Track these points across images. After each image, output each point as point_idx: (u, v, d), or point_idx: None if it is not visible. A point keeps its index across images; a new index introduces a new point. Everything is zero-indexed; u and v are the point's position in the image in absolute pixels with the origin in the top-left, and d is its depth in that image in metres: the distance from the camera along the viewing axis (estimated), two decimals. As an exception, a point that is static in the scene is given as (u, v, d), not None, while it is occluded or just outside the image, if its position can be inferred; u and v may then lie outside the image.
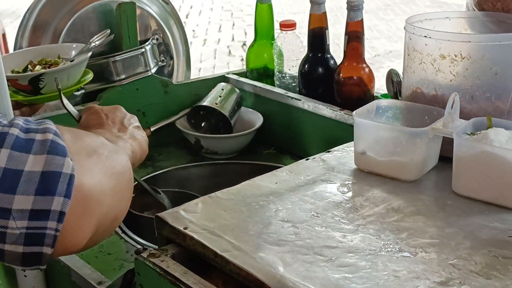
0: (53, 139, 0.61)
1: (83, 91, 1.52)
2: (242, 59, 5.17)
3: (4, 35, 4.28)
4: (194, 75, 4.52)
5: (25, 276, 1.01)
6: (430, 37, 0.94)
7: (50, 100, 1.31)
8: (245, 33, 6.14)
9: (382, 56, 5.31)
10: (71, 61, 1.30)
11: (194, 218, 0.83)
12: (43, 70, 1.25)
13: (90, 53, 1.31)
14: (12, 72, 1.30)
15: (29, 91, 1.24)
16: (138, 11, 1.58)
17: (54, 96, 1.25)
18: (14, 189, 0.56)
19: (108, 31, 1.35)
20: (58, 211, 0.58)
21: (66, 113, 1.40)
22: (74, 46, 1.39)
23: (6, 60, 1.27)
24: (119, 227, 1.22)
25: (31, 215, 0.57)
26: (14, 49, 1.47)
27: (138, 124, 0.96)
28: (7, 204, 0.56)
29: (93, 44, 1.33)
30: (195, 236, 0.78)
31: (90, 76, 1.34)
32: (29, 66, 1.32)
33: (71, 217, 0.59)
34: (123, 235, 1.19)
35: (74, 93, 1.52)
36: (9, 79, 1.18)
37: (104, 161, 0.68)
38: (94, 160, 0.66)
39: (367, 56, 1.49)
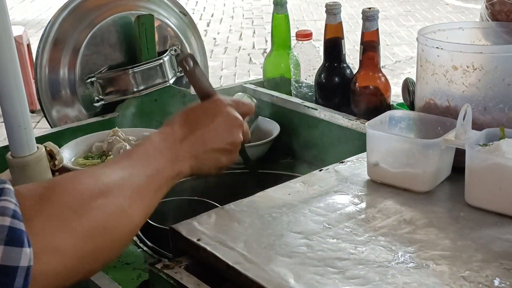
0: (11, 225, 0.58)
1: (103, 102, 1.55)
2: (263, 67, 5.18)
3: (29, 46, 4.37)
4: (216, 83, 4.55)
5: (44, 286, 1.02)
6: (442, 49, 0.94)
7: None
8: (266, 41, 6.16)
9: (403, 62, 5.27)
10: None
11: (208, 229, 0.84)
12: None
13: None
14: (77, 158, 1.21)
15: None
16: (156, 23, 1.60)
17: None
18: None
19: None
20: None
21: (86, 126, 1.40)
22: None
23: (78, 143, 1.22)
24: (137, 236, 1.23)
25: None
26: (35, 62, 1.50)
27: (231, 148, 0.88)
28: None
29: None
30: (208, 248, 0.80)
31: None
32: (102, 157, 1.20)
33: None
34: (141, 244, 1.21)
35: (94, 104, 1.55)
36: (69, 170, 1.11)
37: (84, 221, 0.65)
38: (65, 224, 0.64)
39: (388, 62, 1.50)
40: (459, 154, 0.93)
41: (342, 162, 1.04)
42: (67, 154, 1.16)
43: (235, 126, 0.87)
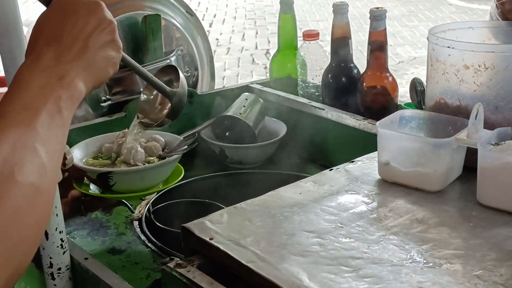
0: None
1: (110, 102, 1.55)
2: (266, 67, 5.19)
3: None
4: (218, 83, 4.55)
5: (55, 285, 1.03)
6: (453, 48, 0.94)
7: (123, 199, 1.21)
8: (269, 41, 6.17)
9: (406, 63, 5.28)
10: (162, 158, 1.17)
11: (220, 229, 0.84)
12: (109, 169, 1.12)
13: (176, 157, 1.17)
14: (87, 158, 1.18)
15: (100, 186, 1.14)
16: (163, 23, 1.60)
17: (129, 197, 1.16)
18: None
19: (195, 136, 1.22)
20: None
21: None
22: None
23: (100, 140, 1.22)
24: (146, 236, 1.23)
25: None
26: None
27: (111, 37, 0.75)
28: None
29: (183, 148, 1.20)
30: (221, 247, 0.80)
31: (178, 177, 1.19)
32: (113, 155, 1.18)
33: None
34: (149, 244, 1.21)
35: (101, 104, 1.55)
36: (80, 169, 1.11)
37: None
38: None
39: (391, 63, 1.50)
40: (470, 154, 0.93)
41: (353, 162, 1.04)
42: (77, 154, 1.15)
43: (97, 11, 0.75)
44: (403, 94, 1.62)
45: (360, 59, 1.61)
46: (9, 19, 0.87)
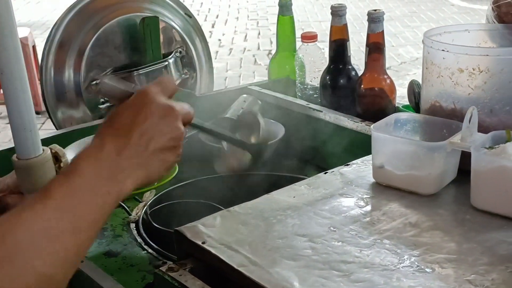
0: None
1: (108, 104, 1.55)
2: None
3: (34, 47, 4.38)
4: (220, 84, 4.55)
5: None
6: (447, 51, 0.94)
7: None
8: (271, 42, 6.16)
9: (408, 64, 5.27)
10: None
11: (212, 232, 0.84)
12: None
13: None
14: None
15: None
16: (161, 25, 1.60)
17: None
18: None
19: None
20: None
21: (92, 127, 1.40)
22: None
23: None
24: (142, 238, 1.23)
25: None
26: (41, 64, 1.50)
27: (174, 143, 0.76)
28: None
29: None
30: (213, 251, 0.80)
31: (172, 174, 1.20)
32: None
33: None
34: (145, 246, 1.21)
35: (99, 106, 1.55)
36: None
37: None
38: None
39: (393, 63, 1.49)
40: (465, 157, 0.93)
41: (347, 165, 1.04)
42: (70, 155, 1.15)
43: (169, 116, 0.75)
44: (404, 95, 1.61)
45: (362, 60, 1.60)
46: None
